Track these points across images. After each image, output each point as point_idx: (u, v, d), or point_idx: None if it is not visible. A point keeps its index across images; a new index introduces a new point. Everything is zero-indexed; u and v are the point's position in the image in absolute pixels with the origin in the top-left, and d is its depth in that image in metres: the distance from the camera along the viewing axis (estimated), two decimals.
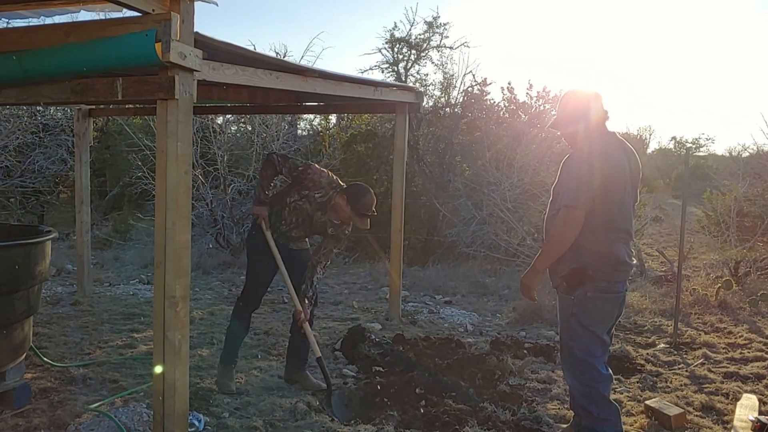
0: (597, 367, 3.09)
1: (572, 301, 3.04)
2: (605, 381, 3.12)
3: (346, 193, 3.87)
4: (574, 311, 3.04)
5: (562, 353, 3.24)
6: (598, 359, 3.10)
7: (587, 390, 3.11)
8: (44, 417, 3.44)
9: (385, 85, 5.58)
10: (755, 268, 7.60)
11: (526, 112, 9.73)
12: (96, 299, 6.37)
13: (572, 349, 3.11)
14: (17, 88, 3.23)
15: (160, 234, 2.91)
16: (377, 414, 3.62)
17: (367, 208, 3.84)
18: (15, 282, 3.36)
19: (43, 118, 10.50)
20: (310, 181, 3.93)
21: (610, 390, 3.18)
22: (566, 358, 3.19)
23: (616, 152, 3.05)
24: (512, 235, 8.25)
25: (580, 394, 3.15)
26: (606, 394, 3.13)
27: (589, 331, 3.05)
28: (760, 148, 11.30)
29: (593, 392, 3.09)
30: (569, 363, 3.18)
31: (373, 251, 8.99)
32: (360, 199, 3.83)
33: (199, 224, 9.01)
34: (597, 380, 3.09)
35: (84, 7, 3.65)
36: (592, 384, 3.09)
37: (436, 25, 10.71)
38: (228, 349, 4.11)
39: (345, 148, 10.49)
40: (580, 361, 3.10)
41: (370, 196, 3.87)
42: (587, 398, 3.12)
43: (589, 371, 3.08)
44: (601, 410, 3.10)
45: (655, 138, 42.98)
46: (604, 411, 3.10)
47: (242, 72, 3.36)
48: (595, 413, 3.10)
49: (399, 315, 5.99)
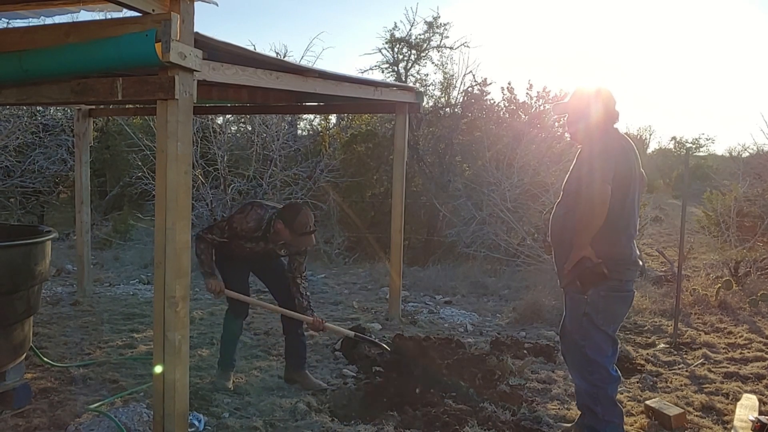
0: (607, 367, 3.08)
1: (585, 301, 3.04)
2: (614, 382, 3.12)
3: (281, 217, 3.82)
4: (587, 311, 3.04)
5: (571, 353, 3.22)
6: (609, 359, 3.10)
7: (594, 390, 3.10)
8: (44, 417, 3.44)
9: (385, 85, 5.58)
10: (755, 268, 7.60)
11: (526, 112, 9.73)
12: (96, 299, 6.37)
13: (583, 348, 3.09)
14: (17, 88, 3.23)
15: (160, 234, 2.91)
16: (377, 414, 3.62)
17: (303, 226, 3.77)
18: (15, 282, 3.36)
19: (43, 118, 10.51)
20: (241, 231, 3.92)
21: (616, 392, 3.17)
22: (576, 358, 3.18)
23: (627, 151, 3.08)
24: (512, 235, 8.26)
25: (586, 394, 3.14)
26: (613, 396, 3.12)
27: (601, 330, 3.06)
28: (760, 148, 11.30)
29: (600, 393, 3.09)
30: (579, 363, 3.16)
31: (373, 251, 9.00)
32: (294, 219, 3.77)
33: (199, 224, 9.00)
34: (606, 381, 3.08)
35: (84, 7, 3.64)
36: (600, 384, 3.08)
37: (436, 26, 10.71)
38: (224, 354, 4.10)
39: (345, 148, 10.49)
40: (590, 361, 3.09)
41: (304, 213, 3.81)
42: (593, 398, 3.11)
43: (598, 371, 3.08)
44: (606, 411, 3.09)
45: (655, 138, 43.01)
46: (609, 413, 3.09)
47: (242, 72, 3.35)
48: (600, 414, 3.09)
49: (399, 315, 5.99)
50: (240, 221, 3.90)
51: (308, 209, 3.90)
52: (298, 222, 3.77)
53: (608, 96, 3.18)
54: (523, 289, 7.02)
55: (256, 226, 3.89)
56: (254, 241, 3.94)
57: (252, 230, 3.90)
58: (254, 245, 3.95)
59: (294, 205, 3.96)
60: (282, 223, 3.79)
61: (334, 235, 9.65)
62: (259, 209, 3.95)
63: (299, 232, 3.78)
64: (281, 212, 3.87)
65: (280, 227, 3.80)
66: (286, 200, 9.62)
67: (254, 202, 4.08)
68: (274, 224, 3.84)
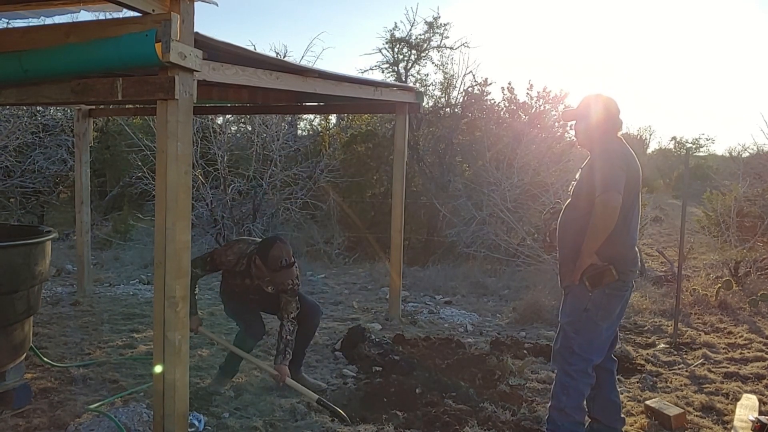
0: (587, 364, 3.13)
1: (588, 298, 3.10)
2: (588, 380, 3.16)
3: (258, 253, 3.75)
4: (588, 307, 3.10)
5: (558, 342, 3.25)
6: (592, 360, 3.14)
7: (568, 380, 3.15)
8: (44, 417, 3.44)
9: (385, 86, 5.58)
10: (755, 268, 7.60)
11: (527, 113, 9.74)
12: (96, 299, 6.37)
13: (573, 341, 3.15)
14: (17, 88, 3.23)
15: (160, 234, 2.91)
16: (377, 414, 3.62)
17: (276, 260, 3.65)
18: (15, 282, 3.36)
19: (43, 118, 10.50)
20: (221, 264, 3.91)
21: (587, 392, 3.20)
22: (562, 348, 3.20)
23: (632, 157, 3.14)
24: (512, 235, 8.25)
25: (559, 384, 3.19)
26: (583, 392, 3.16)
27: (597, 325, 3.12)
28: (760, 148, 11.32)
29: (572, 384, 3.13)
30: (563, 353, 3.20)
31: (373, 251, 9.00)
32: (267, 254, 3.67)
33: (199, 224, 9.01)
34: (581, 375, 3.13)
35: (84, 7, 3.64)
36: (575, 376, 3.13)
37: (436, 26, 10.72)
38: (230, 362, 4.06)
39: (345, 149, 10.49)
40: (574, 353, 3.14)
41: (276, 247, 3.68)
42: (564, 388, 3.16)
43: (578, 364, 3.13)
44: (571, 406, 3.13)
45: (655, 138, 43.05)
46: (574, 408, 3.14)
47: (242, 72, 3.35)
48: (564, 404, 3.14)
49: (399, 315, 5.99)
50: (220, 254, 3.92)
51: (283, 242, 3.75)
52: (271, 257, 3.67)
53: (609, 101, 3.23)
54: (523, 289, 7.02)
55: (236, 260, 3.86)
56: (241, 277, 3.91)
57: (231, 264, 3.87)
58: (242, 281, 3.93)
59: (268, 239, 3.83)
60: (259, 258, 3.74)
61: (334, 235, 9.65)
62: (242, 244, 3.95)
63: (273, 267, 3.67)
64: (258, 247, 3.80)
65: (258, 263, 3.75)
66: (286, 200, 9.62)
67: (240, 239, 4.09)
68: (254, 261, 3.79)
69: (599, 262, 3.03)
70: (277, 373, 3.83)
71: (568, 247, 3.19)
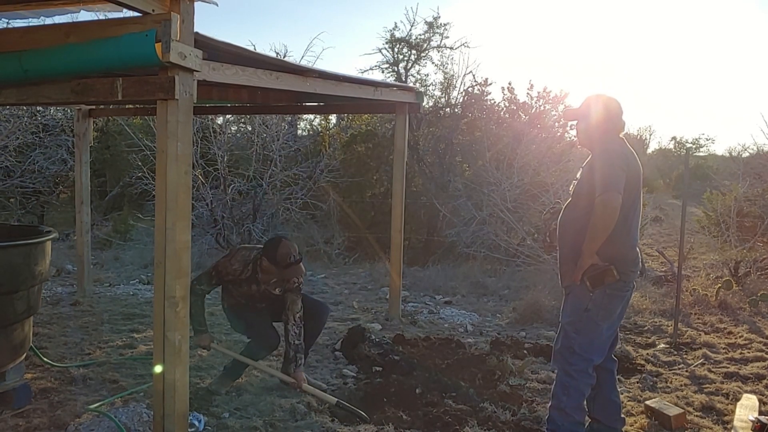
0: (588, 364, 3.13)
1: (590, 298, 3.10)
2: (589, 380, 3.16)
3: (264, 254, 3.80)
4: (589, 307, 3.11)
5: (558, 342, 3.25)
6: (592, 360, 3.14)
7: (568, 380, 3.15)
8: (44, 417, 3.44)
9: (385, 86, 5.58)
10: (755, 268, 7.60)
11: (527, 113, 9.74)
12: (96, 299, 6.37)
13: (573, 341, 3.15)
14: (17, 88, 3.23)
15: (160, 234, 2.91)
16: (377, 414, 3.62)
17: (286, 257, 3.71)
18: (15, 282, 3.36)
19: (43, 118, 10.49)
20: (227, 274, 3.91)
21: (587, 392, 3.20)
22: (563, 348, 3.20)
23: (632, 158, 3.14)
24: (512, 235, 8.25)
25: (560, 383, 3.19)
26: (583, 392, 3.17)
27: (597, 325, 3.12)
28: (760, 149, 11.31)
29: (572, 384, 3.13)
30: (563, 352, 3.20)
31: (373, 251, 9.00)
32: (276, 252, 3.73)
33: (199, 224, 9.01)
34: (582, 375, 3.13)
35: (84, 7, 3.64)
36: (576, 376, 3.13)
37: (436, 26, 10.72)
38: (236, 366, 4.04)
39: (345, 149, 10.50)
40: (575, 353, 3.14)
41: (283, 244, 3.75)
42: (564, 388, 3.16)
43: (579, 364, 3.13)
44: (570, 405, 3.13)
45: (655, 138, 43.05)
46: (574, 408, 3.14)
47: (242, 72, 3.35)
48: (564, 404, 3.14)
49: (399, 315, 5.99)
50: (225, 264, 3.93)
51: (288, 240, 3.84)
52: (280, 254, 3.72)
53: (611, 101, 3.23)
54: (523, 289, 7.01)
55: (242, 267, 3.88)
56: (247, 285, 3.92)
57: (238, 272, 3.89)
58: (249, 289, 3.93)
59: (273, 239, 3.89)
60: (266, 260, 3.77)
61: (334, 235, 9.65)
62: (244, 251, 3.97)
63: (283, 264, 3.72)
64: (263, 249, 3.84)
65: (266, 265, 3.79)
66: (286, 200, 9.62)
67: (240, 247, 4.09)
68: (260, 264, 3.83)
69: (600, 262, 3.03)
70: (294, 380, 3.84)
71: (568, 246, 3.19)
